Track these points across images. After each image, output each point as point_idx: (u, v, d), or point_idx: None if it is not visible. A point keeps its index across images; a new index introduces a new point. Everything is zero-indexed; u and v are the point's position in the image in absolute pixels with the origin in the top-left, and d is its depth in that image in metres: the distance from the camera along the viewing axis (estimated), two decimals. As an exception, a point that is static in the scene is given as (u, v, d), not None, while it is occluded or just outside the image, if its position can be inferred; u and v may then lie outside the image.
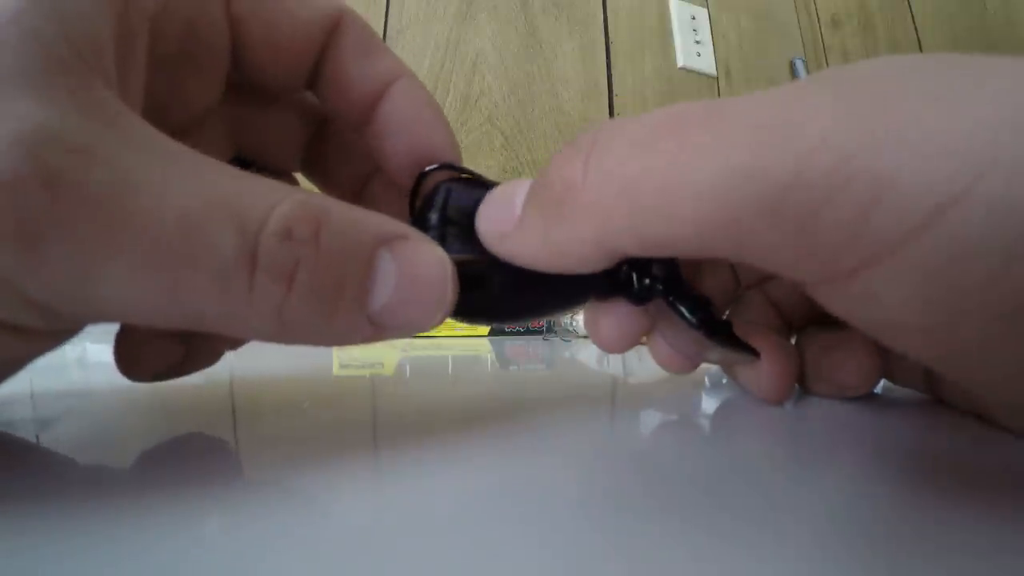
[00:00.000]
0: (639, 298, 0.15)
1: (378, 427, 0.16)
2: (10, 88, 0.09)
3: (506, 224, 0.13)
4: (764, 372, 0.17)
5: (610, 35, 0.84)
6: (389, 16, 0.74)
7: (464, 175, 0.15)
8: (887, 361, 0.18)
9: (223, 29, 0.14)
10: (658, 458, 0.13)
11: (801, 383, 0.19)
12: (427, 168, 0.15)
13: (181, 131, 0.14)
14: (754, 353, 0.16)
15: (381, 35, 0.73)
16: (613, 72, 0.83)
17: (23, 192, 0.08)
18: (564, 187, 0.11)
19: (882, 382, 0.20)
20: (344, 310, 0.11)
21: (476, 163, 0.73)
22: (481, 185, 0.15)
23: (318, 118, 0.18)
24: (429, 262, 0.12)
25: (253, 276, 0.10)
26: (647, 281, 0.14)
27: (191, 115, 0.15)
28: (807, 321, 0.20)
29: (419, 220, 0.14)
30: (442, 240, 0.14)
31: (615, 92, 0.82)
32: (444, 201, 0.14)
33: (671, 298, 0.14)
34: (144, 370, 0.15)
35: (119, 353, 0.14)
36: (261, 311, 0.10)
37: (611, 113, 0.81)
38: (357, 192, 0.18)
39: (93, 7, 0.11)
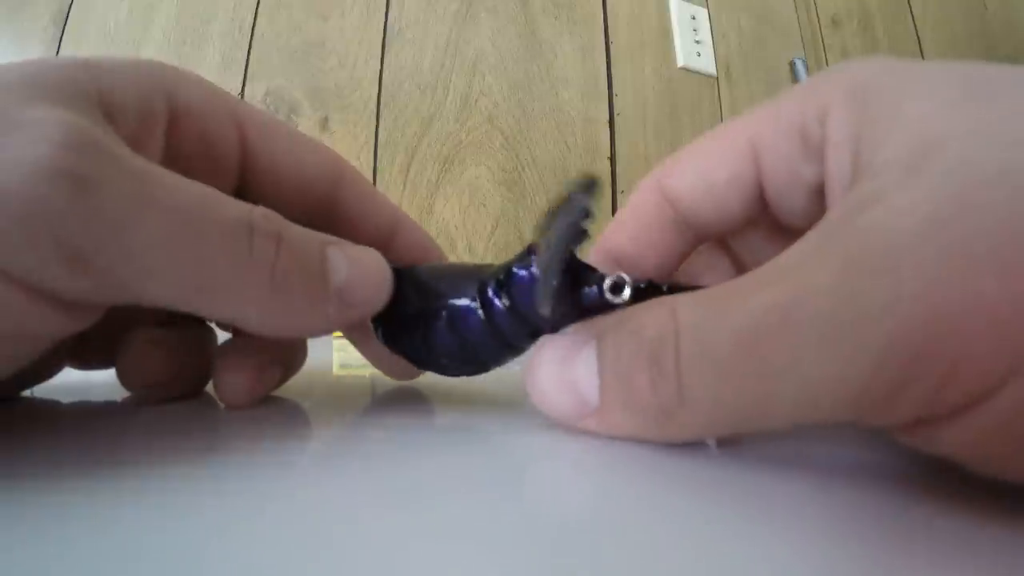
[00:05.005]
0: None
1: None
2: (52, 103, 0.11)
3: (579, 412, 0.13)
4: None
5: (610, 35, 0.84)
6: (389, 16, 0.74)
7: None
8: None
9: (233, 149, 0.16)
10: (656, 457, 0.13)
11: None
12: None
13: None
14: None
15: (381, 35, 0.73)
16: (613, 72, 0.83)
17: (79, 151, 0.11)
18: (662, 410, 0.12)
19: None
20: (314, 287, 0.14)
21: (476, 163, 0.73)
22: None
23: None
24: (367, 253, 0.15)
25: (252, 239, 0.12)
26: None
27: None
28: None
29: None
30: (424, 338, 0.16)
31: (615, 92, 0.82)
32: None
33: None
34: (141, 378, 0.16)
35: (120, 364, 0.16)
36: (259, 270, 0.12)
37: (611, 113, 0.81)
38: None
39: (132, 91, 0.13)
